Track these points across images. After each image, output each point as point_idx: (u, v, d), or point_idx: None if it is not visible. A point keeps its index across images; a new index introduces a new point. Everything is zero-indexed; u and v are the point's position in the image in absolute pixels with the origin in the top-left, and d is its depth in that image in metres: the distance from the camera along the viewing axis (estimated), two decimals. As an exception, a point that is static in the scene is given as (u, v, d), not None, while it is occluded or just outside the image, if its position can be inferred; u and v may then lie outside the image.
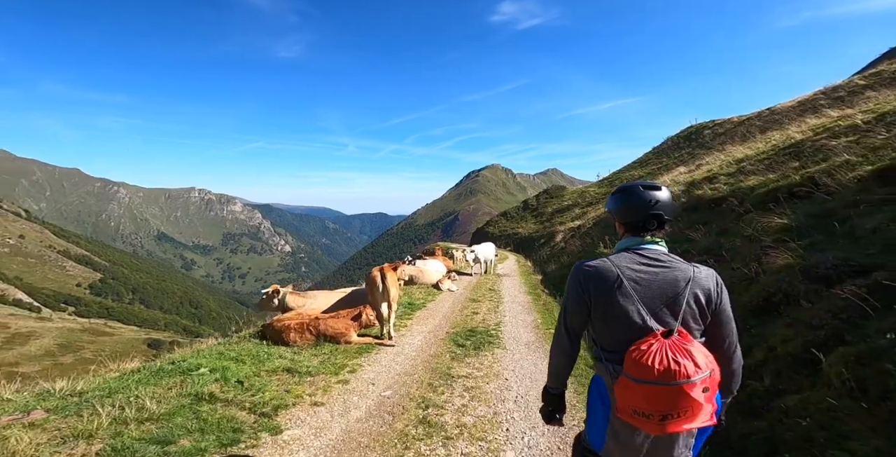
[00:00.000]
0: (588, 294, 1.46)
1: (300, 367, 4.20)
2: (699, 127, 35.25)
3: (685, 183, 12.70)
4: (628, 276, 1.42)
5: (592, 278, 1.46)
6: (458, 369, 4.70)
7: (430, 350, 5.47)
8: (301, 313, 5.38)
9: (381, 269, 5.75)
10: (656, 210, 1.50)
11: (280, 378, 3.91)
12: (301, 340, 5.03)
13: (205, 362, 3.95)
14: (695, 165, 18.17)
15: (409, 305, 8.43)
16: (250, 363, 4.16)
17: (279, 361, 4.36)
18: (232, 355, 4.32)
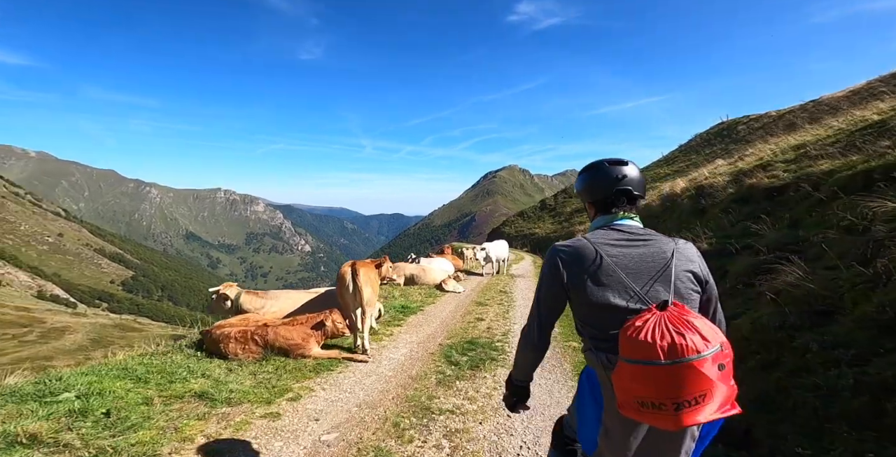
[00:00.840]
0: (565, 277, 1.33)
1: (221, 391, 3.05)
2: (732, 123, 33.28)
3: (730, 173, 11.07)
4: (608, 253, 1.31)
5: (569, 259, 1.34)
6: (442, 399, 3.44)
7: (412, 369, 4.22)
8: (248, 318, 4.25)
9: (353, 264, 4.56)
10: (624, 185, 1.41)
11: (182, 408, 2.77)
12: (244, 352, 3.89)
13: (88, 381, 2.85)
14: (736, 157, 16.36)
15: (403, 309, 7.22)
16: (155, 384, 3.04)
17: (197, 381, 3.22)
18: (138, 371, 3.22)
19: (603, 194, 1.44)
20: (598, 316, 1.29)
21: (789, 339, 3.29)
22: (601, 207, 1.46)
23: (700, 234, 6.98)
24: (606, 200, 1.44)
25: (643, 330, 1.08)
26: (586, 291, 1.29)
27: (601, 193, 1.44)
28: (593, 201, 1.48)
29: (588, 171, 1.50)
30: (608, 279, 1.27)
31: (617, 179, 1.41)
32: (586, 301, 1.30)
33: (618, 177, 1.41)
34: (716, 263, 5.70)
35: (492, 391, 3.74)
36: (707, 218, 8.93)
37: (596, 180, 1.46)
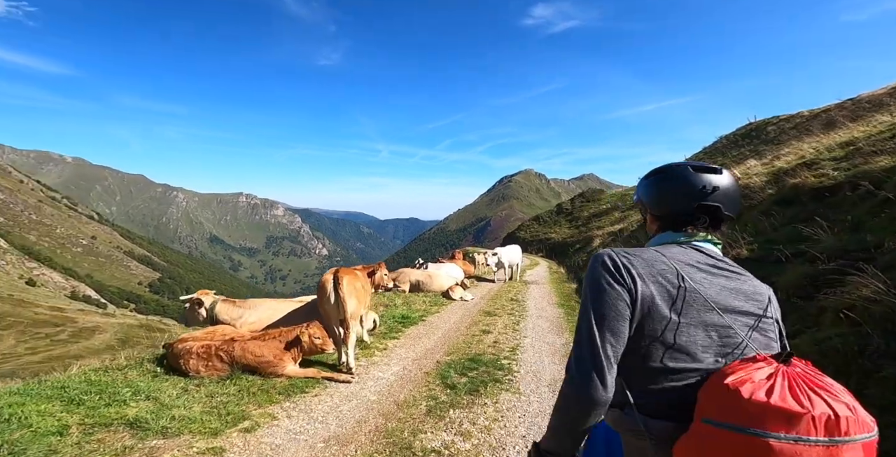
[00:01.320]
0: (638, 294, 0.92)
1: (161, 418, 2.55)
2: (761, 123, 31.74)
3: (767, 173, 10.11)
4: (692, 276, 0.96)
5: (644, 271, 0.95)
6: (430, 435, 2.84)
7: (400, 393, 3.63)
8: (214, 331, 3.75)
9: (336, 272, 4.02)
10: (711, 200, 1.03)
11: (103, 439, 2.27)
12: (206, 369, 3.39)
13: (10, 402, 2.40)
14: (770, 157, 15.22)
15: (403, 319, 6.64)
16: (86, 408, 2.56)
17: (138, 405, 2.73)
18: (74, 391, 2.76)
19: (678, 208, 1.06)
20: (661, 366, 0.93)
21: (875, 367, 2.57)
22: (671, 223, 1.09)
23: (738, 238, 6.17)
24: (680, 216, 1.07)
25: (774, 389, 0.75)
26: (660, 323, 0.92)
27: (676, 205, 1.07)
28: (661, 215, 1.11)
29: (661, 174, 1.11)
30: (690, 311, 0.92)
31: (703, 191, 1.03)
32: (654, 337, 0.93)
33: (704, 188, 1.03)
34: (761, 272, 4.92)
35: (491, 424, 3.11)
36: (743, 221, 8.05)
37: (671, 189, 1.08)
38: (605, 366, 0.90)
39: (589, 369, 0.90)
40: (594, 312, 0.93)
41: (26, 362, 28.36)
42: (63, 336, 42.08)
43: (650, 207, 1.13)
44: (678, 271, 0.95)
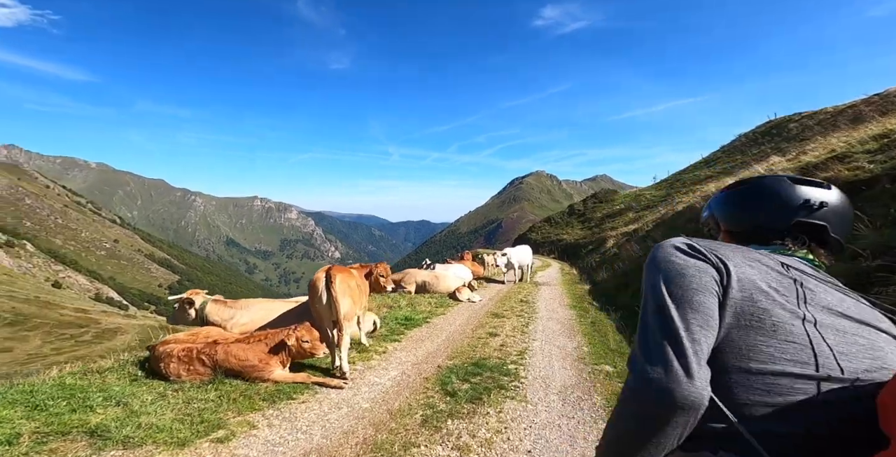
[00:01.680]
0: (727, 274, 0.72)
1: (126, 426, 2.32)
2: (782, 121, 30.68)
3: (793, 168, 9.54)
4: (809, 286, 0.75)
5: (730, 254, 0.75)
6: (424, 449, 2.55)
7: (395, 400, 3.35)
8: (197, 333, 3.54)
9: (328, 270, 3.77)
10: (818, 219, 0.84)
11: (56, 449, 2.05)
12: (188, 373, 3.18)
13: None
14: (795, 152, 14.47)
15: (406, 321, 6.38)
16: (49, 415, 2.36)
17: (106, 411, 2.52)
18: (40, 396, 2.57)
19: (769, 223, 0.87)
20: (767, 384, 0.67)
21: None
22: (757, 238, 0.89)
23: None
24: (771, 232, 0.88)
25: None
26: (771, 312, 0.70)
27: (767, 220, 0.88)
28: (740, 231, 0.92)
29: (747, 186, 0.93)
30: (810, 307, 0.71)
31: (806, 205, 0.85)
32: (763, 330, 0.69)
33: (808, 203, 0.85)
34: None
35: (493, 436, 2.80)
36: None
37: (762, 202, 0.89)
38: (691, 349, 0.65)
39: (662, 353, 0.66)
40: (665, 288, 0.72)
41: (52, 362, 29.25)
42: (87, 337, 43.23)
43: (726, 223, 0.94)
44: (783, 262, 0.75)
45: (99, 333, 47.08)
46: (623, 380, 4.05)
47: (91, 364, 3.46)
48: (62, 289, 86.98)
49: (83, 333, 43.77)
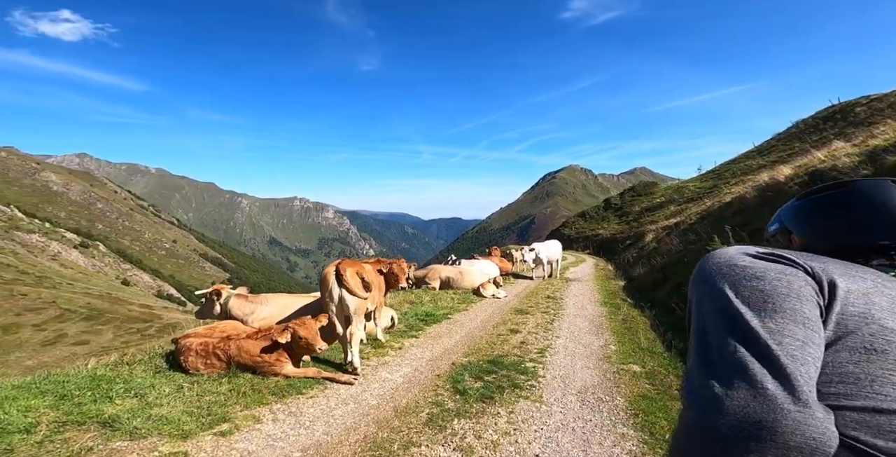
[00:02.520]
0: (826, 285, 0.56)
1: (136, 417, 2.42)
2: (846, 105, 27.43)
3: (861, 154, 8.46)
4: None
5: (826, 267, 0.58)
6: (424, 449, 2.45)
7: (403, 397, 3.29)
8: (215, 328, 3.66)
9: (338, 264, 3.76)
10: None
11: (69, 438, 2.16)
12: (206, 367, 3.30)
13: (3, 395, 2.41)
14: (861, 137, 12.83)
15: (426, 317, 6.33)
16: (71, 404, 2.52)
17: (123, 402, 2.65)
18: (71, 386, 2.75)
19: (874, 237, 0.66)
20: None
21: None
22: (851, 256, 0.67)
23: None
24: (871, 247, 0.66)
25: None
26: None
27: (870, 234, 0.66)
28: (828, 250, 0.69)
29: (836, 194, 0.71)
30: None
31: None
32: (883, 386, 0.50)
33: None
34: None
35: (500, 438, 2.65)
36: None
37: (859, 211, 0.67)
38: (791, 367, 0.48)
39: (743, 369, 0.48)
40: (736, 295, 0.55)
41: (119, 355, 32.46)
42: (151, 331, 47.45)
43: (808, 239, 0.73)
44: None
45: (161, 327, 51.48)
46: (651, 380, 3.75)
47: (123, 356, 3.69)
48: (130, 286, 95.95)
49: (148, 328, 48.04)
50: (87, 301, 44.72)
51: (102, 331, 41.70)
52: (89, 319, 40.50)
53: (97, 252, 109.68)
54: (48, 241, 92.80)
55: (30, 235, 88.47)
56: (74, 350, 30.54)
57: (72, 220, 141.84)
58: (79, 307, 41.13)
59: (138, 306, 57.32)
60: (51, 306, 39.58)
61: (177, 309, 79.88)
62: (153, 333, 46.85)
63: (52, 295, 42.84)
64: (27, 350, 29.15)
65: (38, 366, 25.35)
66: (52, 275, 60.81)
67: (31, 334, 32.57)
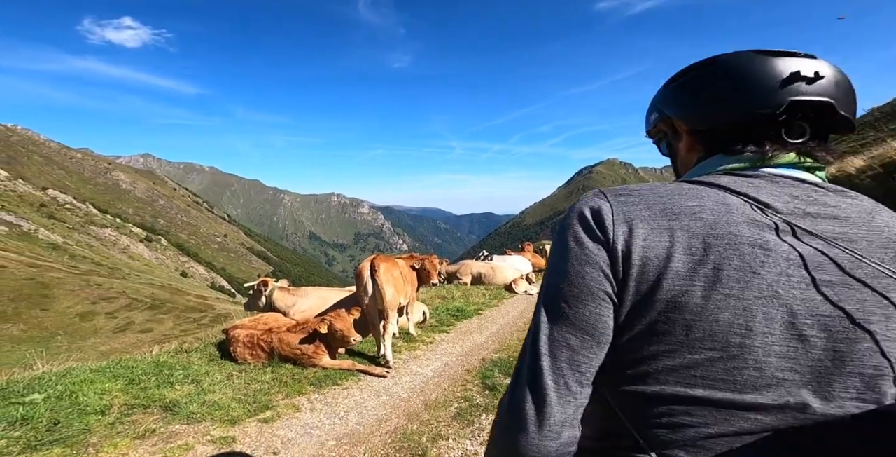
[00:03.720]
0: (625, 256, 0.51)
1: (192, 402, 2.67)
2: None
3: None
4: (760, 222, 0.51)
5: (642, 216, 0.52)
6: (451, 442, 2.52)
7: (433, 391, 3.38)
8: (258, 320, 3.93)
9: (373, 260, 3.90)
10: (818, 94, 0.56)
11: (136, 420, 2.44)
12: (252, 357, 3.56)
13: (77, 380, 2.76)
14: None
15: (457, 312, 6.40)
16: (139, 389, 2.82)
17: (182, 388, 2.93)
18: (139, 371, 3.09)
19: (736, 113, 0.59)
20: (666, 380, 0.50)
21: None
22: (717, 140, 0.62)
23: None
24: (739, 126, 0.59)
25: None
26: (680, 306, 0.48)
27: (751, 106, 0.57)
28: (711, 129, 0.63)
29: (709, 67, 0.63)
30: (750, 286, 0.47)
31: (798, 77, 0.56)
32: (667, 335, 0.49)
33: (799, 75, 0.56)
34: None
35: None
36: None
37: (719, 83, 0.60)
38: (549, 386, 0.51)
39: (522, 396, 0.52)
40: (545, 292, 0.55)
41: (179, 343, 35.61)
42: (205, 321, 51.49)
43: (689, 121, 0.65)
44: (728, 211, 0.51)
45: (214, 317, 55.69)
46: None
47: (182, 344, 4.07)
48: (187, 278, 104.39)
49: (203, 317, 52.17)
50: (152, 292, 49.14)
51: (164, 320, 45.73)
52: (153, 309, 44.56)
53: (160, 245, 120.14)
54: (119, 235, 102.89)
55: (103, 230, 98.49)
56: (141, 337, 33.83)
57: (138, 215, 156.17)
58: (144, 297, 45.34)
59: (195, 297, 62.13)
60: (121, 296, 43.96)
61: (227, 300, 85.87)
62: (207, 322, 50.76)
63: (122, 285, 47.49)
64: (101, 336, 32.57)
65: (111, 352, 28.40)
66: (122, 266, 67.47)
67: (104, 322, 36.32)
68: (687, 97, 0.65)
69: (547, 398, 0.51)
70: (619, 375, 0.53)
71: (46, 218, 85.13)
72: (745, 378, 0.46)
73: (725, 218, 0.50)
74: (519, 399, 0.52)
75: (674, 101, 0.67)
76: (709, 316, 0.47)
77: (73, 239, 79.35)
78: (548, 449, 0.51)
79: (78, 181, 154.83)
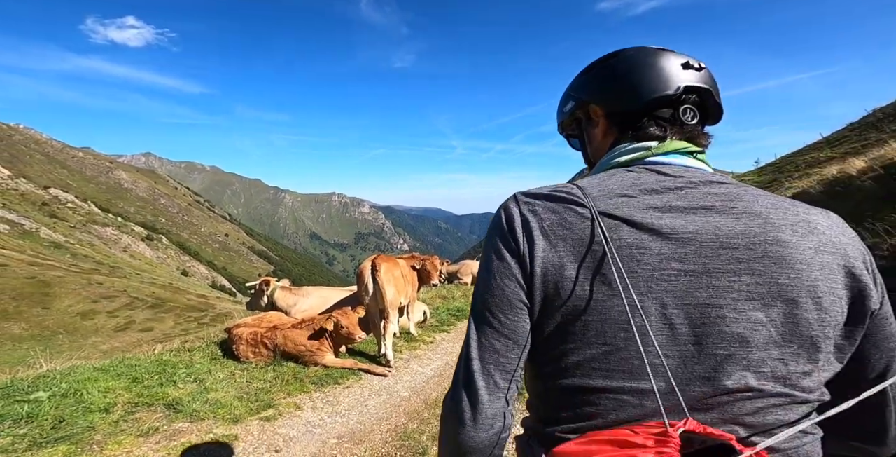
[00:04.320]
0: (532, 265, 0.57)
1: (195, 401, 2.70)
2: None
3: None
4: (638, 223, 0.56)
5: (545, 226, 0.58)
6: (452, 443, 2.56)
7: (433, 390, 3.40)
8: (261, 318, 3.95)
9: (374, 259, 3.92)
10: (695, 81, 0.68)
11: (140, 418, 2.46)
12: (255, 355, 3.59)
13: (80, 378, 2.78)
14: None
15: (458, 312, 6.43)
16: (142, 387, 2.85)
17: (185, 386, 2.95)
18: (142, 370, 3.11)
19: (646, 95, 0.68)
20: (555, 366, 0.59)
21: None
22: (629, 123, 0.71)
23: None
24: (645, 110, 0.69)
25: None
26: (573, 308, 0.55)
27: (643, 91, 0.68)
28: (614, 111, 0.73)
29: (616, 56, 0.74)
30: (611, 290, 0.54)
31: (687, 66, 0.68)
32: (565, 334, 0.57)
33: (687, 64, 0.69)
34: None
35: (529, 437, 2.69)
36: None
37: (630, 70, 0.70)
38: (480, 386, 0.58)
39: (459, 396, 0.60)
40: (475, 301, 0.62)
41: (180, 342, 35.57)
42: (206, 320, 51.48)
43: (603, 104, 0.74)
44: (595, 222, 0.56)
45: (215, 316, 55.65)
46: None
47: (185, 343, 4.09)
48: (188, 277, 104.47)
49: (203, 316, 52.19)
50: (153, 291, 49.21)
51: (165, 319, 45.73)
52: (154, 308, 44.61)
53: (161, 244, 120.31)
54: (120, 234, 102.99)
55: (104, 229, 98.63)
56: (141, 336, 33.85)
57: (139, 214, 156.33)
58: (145, 296, 45.41)
59: (196, 296, 62.15)
60: (122, 295, 44.02)
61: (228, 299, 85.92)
62: (208, 321, 50.75)
63: (123, 284, 47.56)
64: (102, 335, 32.62)
65: (112, 350, 28.44)
66: (123, 265, 67.54)
67: (105, 321, 36.37)
68: (605, 83, 0.73)
69: (479, 396, 0.57)
70: (540, 370, 0.60)
71: (48, 217, 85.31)
72: (632, 367, 0.52)
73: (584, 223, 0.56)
74: (457, 398, 0.59)
75: (593, 87, 0.75)
76: (600, 316, 0.53)
77: (74, 238, 79.50)
78: (482, 439, 0.58)
79: (80, 180, 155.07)
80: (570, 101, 0.79)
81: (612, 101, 0.72)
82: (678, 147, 0.65)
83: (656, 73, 0.68)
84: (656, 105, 0.68)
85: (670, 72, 0.68)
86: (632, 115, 0.70)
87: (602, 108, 0.73)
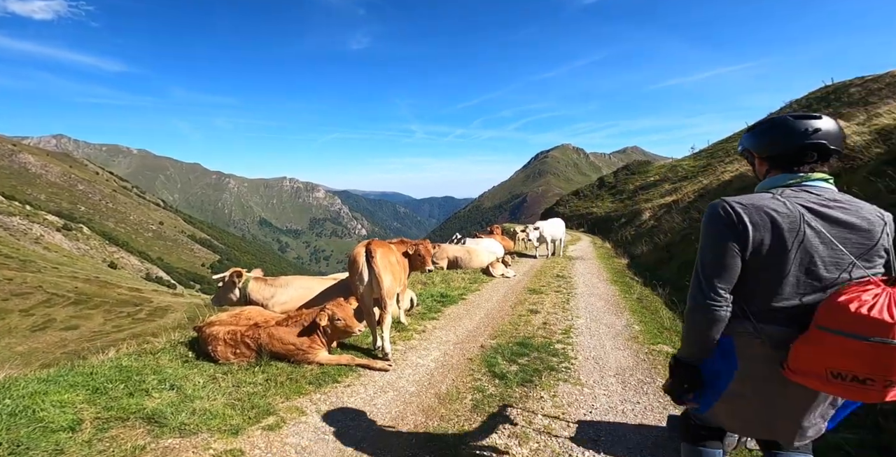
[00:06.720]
0: (750, 245, 1.20)
1: (180, 412, 2.29)
2: (840, 86, 27.29)
3: (869, 132, 8.36)
4: (808, 219, 1.18)
5: (758, 223, 1.19)
6: (478, 436, 2.40)
7: (442, 383, 3.22)
8: (239, 315, 3.49)
9: (368, 244, 3.59)
10: (816, 139, 1.25)
11: (116, 436, 2.03)
12: (235, 356, 3.16)
13: (30, 391, 2.25)
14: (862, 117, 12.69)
15: (442, 298, 6.25)
16: (108, 398, 2.37)
17: (160, 395, 2.51)
18: (100, 379, 2.59)
19: (785, 149, 1.29)
20: (772, 289, 1.21)
21: None
22: (780, 163, 1.32)
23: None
24: (790, 155, 1.29)
25: (875, 306, 1.01)
26: (770, 263, 1.20)
27: (784, 147, 1.29)
28: (769, 156, 1.35)
29: (766, 124, 1.35)
30: (806, 253, 1.17)
31: (806, 132, 1.25)
32: (764, 272, 1.22)
33: (808, 130, 1.25)
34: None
35: (551, 423, 2.62)
36: (845, 183, 6.70)
37: (776, 134, 1.31)
38: (716, 293, 1.22)
39: (704, 296, 1.24)
40: (708, 253, 1.25)
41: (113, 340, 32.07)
42: (142, 315, 46.98)
43: (758, 152, 1.37)
44: (790, 214, 1.17)
45: (152, 311, 50.99)
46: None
47: (145, 345, 3.52)
48: (118, 269, 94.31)
49: (138, 311, 47.54)
50: (75, 285, 43.92)
51: (92, 315, 41.16)
52: (77, 304, 39.88)
53: (81, 235, 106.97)
54: (30, 224, 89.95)
55: (10, 219, 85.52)
56: (64, 335, 30.18)
57: (52, 202, 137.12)
58: (66, 291, 40.42)
59: (127, 290, 56.49)
60: (37, 291, 38.79)
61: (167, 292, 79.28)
62: (144, 316, 46.48)
63: (37, 279, 41.90)
64: (17, 336, 28.71)
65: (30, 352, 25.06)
66: (36, 259, 59.30)
67: (19, 320, 32.01)
68: (758, 139, 1.36)
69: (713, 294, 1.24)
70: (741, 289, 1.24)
71: (-68, 204, 71.93)
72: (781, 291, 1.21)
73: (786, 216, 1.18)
74: (699, 296, 1.26)
75: (751, 141, 1.39)
76: (773, 266, 1.19)
77: (-31, 228, 68.09)
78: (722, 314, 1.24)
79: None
80: (741, 145, 1.43)
81: (758, 150, 1.38)
82: (815, 177, 1.27)
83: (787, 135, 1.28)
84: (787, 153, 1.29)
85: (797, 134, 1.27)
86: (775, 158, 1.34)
87: (757, 154, 1.39)
